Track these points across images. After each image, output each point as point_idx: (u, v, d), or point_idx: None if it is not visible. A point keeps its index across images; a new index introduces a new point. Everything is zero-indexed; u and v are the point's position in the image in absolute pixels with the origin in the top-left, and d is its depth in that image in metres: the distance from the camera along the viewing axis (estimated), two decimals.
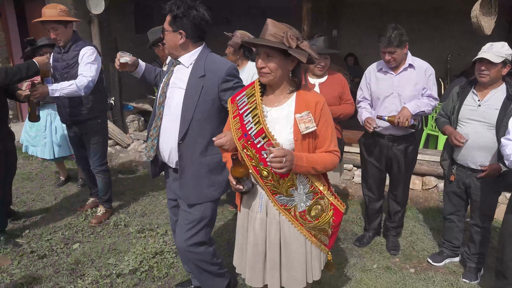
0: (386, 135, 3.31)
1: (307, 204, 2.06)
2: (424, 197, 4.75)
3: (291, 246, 2.11)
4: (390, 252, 3.56)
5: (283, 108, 1.98)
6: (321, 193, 2.07)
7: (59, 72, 3.64)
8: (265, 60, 1.89)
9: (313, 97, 1.97)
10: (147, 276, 3.16)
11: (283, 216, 2.08)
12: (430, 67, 3.23)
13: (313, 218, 2.08)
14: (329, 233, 2.16)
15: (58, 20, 3.48)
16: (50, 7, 3.56)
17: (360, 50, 8.23)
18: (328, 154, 2.01)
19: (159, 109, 2.43)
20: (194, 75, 2.33)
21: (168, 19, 2.31)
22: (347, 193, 4.83)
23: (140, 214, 4.19)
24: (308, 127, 1.92)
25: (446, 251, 3.41)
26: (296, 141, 1.95)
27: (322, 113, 1.96)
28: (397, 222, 3.61)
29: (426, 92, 3.21)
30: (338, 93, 3.40)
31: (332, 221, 2.13)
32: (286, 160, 1.80)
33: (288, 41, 1.83)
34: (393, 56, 3.12)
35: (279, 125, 1.96)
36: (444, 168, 3.22)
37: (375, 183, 3.53)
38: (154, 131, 2.46)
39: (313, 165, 1.95)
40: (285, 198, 2.05)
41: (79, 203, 4.42)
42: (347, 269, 3.30)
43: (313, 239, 2.13)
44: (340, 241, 3.74)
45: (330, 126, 2.01)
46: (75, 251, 3.49)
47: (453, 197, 3.22)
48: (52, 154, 4.53)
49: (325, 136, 2.00)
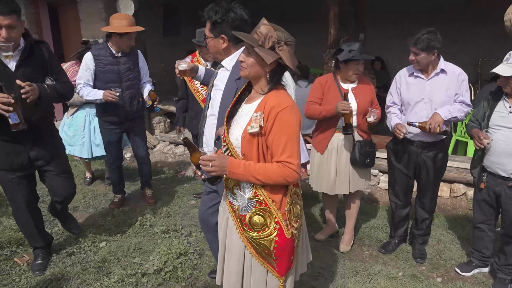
0: (416, 142, 3.24)
1: (248, 210, 1.95)
2: (452, 204, 4.64)
3: (231, 248, 2.06)
4: (416, 260, 3.48)
5: (250, 106, 1.99)
6: (266, 205, 1.92)
7: (119, 76, 3.94)
8: (245, 55, 1.91)
9: (273, 100, 1.86)
10: (171, 276, 3.19)
11: (230, 214, 2.06)
12: (463, 72, 3.15)
13: (254, 228, 1.95)
14: (271, 254, 1.95)
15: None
16: (125, 17, 3.84)
17: (387, 54, 8.12)
18: (277, 166, 1.85)
19: (205, 109, 2.56)
20: (232, 77, 2.38)
21: (208, 25, 2.35)
22: (372, 199, 4.76)
23: (165, 214, 4.24)
24: (253, 126, 1.86)
25: (475, 261, 3.31)
26: (243, 138, 1.91)
27: (277, 119, 1.83)
28: (424, 229, 3.54)
29: (458, 98, 3.14)
30: (370, 98, 3.36)
31: (275, 242, 1.93)
32: (212, 165, 1.83)
33: (264, 41, 1.83)
34: (417, 58, 3.08)
35: (242, 120, 1.98)
36: (474, 176, 3.13)
37: (402, 190, 3.47)
38: (201, 130, 2.61)
39: (252, 174, 1.85)
40: (231, 195, 2.03)
41: (106, 202, 4.51)
42: (372, 277, 3.25)
43: (253, 251, 1.98)
44: (365, 247, 3.69)
45: (286, 134, 1.84)
46: (102, 250, 3.56)
47: (483, 205, 3.13)
48: (90, 153, 4.64)
49: (277, 144, 1.84)
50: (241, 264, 2.04)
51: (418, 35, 3.05)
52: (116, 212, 4.23)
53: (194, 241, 3.67)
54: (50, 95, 2.83)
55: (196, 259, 3.41)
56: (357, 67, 3.25)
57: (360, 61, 3.26)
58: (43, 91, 2.76)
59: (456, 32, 7.57)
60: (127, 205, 4.42)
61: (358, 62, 3.24)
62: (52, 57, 2.97)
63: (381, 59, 8.06)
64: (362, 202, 4.54)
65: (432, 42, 3.03)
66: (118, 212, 4.23)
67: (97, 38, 6.00)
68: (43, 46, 2.92)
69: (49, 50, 2.95)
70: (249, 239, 1.98)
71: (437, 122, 3.02)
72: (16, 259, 3.36)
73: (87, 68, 3.87)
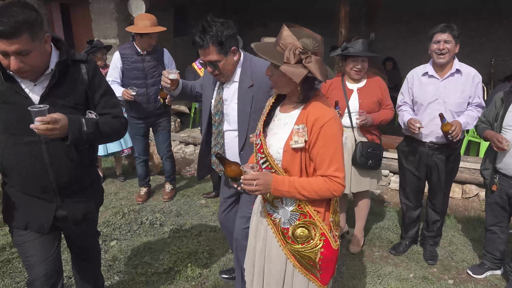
0: (427, 143, 3.20)
1: (291, 222, 1.88)
2: (464, 206, 4.59)
3: (272, 260, 1.98)
4: (428, 262, 3.45)
5: (289, 116, 1.88)
6: (310, 217, 1.86)
7: (144, 73, 4.09)
8: (271, 69, 1.80)
9: (316, 112, 1.78)
10: (181, 275, 3.20)
11: (269, 226, 1.97)
12: (478, 74, 3.10)
13: (298, 240, 1.88)
14: (316, 265, 1.90)
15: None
16: (147, 18, 3.97)
17: (399, 54, 8.06)
18: (324, 180, 1.79)
19: (219, 127, 2.48)
20: (243, 86, 2.35)
21: (213, 50, 2.22)
22: (383, 199, 4.73)
23: (175, 214, 4.26)
24: (297, 141, 1.77)
25: (488, 263, 3.27)
26: (285, 152, 1.82)
27: (322, 132, 1.75)
28: (435, 231, 3.50)
29: (474, 100, 3.09)
30: (377, 98, 3.27)
31: (321, 253, 1.87)
32: (257, 184, 1.75)
33: (288, 56, 1.68)
34: (448, 47, 2.97)
35: (280, 130, 1.88)
36: (486, 178, 3.07)
37: (413, 192, 3.44)
38: (217, 148, 2.55)
39: (298, 190, 1.78)
40: (271, 208, 1.94)
41: (117, 201, 4.55)
42: (382, 278, 3.23)
43: (296, 263, 1.92)
44: (375, 248, 3.66)
45: (331, 148, 1.77)
46: (113, 248, 3.58)
47: (495, 207, 3.09)
48: (106, 150, 4.74)
49: (323, 157, 1.78)
50: (282, 275, 1.97)
51: (440, 25, 2.96)
52: (127, 211, 4.25)
53: (204, 241, 3.68)
54: (87, 133, 1.90)
55: (206, 259, 3.41)
56: (354, 64, 3.19)
57: (359, 59, 3.18)
58: (74, 126, 1.85)
59: (471, 32, 7.49)
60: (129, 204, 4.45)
61: (356, 59, 3.18)
62: (97, 81, 2.07)
63: (393, 59, 8.00)
64: (372, 203, 4.51)
65: (458, 33, 2.97)
66: (128, 211, 4.26)
67: (109, 38, 6.06)
68: (85, 65, 2.03)
69: (93, 72, 2.05)
70: (292, 251, 1.91)
71: (460, 130, 2.95)
72: None
73: (115, 66, 4.10)
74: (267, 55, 1.72)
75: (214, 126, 2.52)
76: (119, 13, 6.09)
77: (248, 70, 2.35)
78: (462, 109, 3.12)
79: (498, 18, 7.12)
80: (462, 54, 3.52)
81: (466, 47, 7.32)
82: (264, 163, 1.90)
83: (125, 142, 4.84)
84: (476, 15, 7.39)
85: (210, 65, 2.28)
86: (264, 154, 1.88)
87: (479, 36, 7.53)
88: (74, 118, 1.88)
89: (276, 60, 1.71)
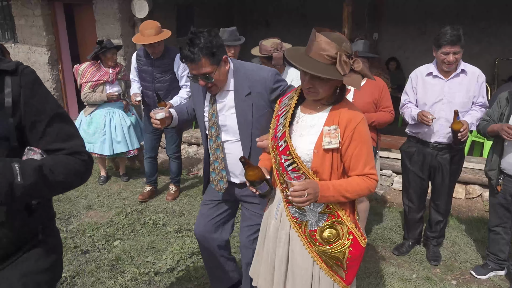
0: (432, 143, 3.19)
1: (319, 224, 1.88)
2: (468, 206, 4.58)
3: (297, 264, 1.94)
4: (431, 262, 3.44)
5: (315, 117, 1.88)
6: (338, 217, 1.87)
7: (151, 76, 4.17)
8: (312, 81, 1.76)
9: (347, 113, 1.81)
10: (184, 275, 3.21)
11: (294, 230, 1.94)
12: (482, 73, 3.09)
13: (325, 242, 1.88)
14: (343, 265, 1.91)
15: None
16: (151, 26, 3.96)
17: (402, 54, 8.04)
18: (362, 179, 1.82)
19: (217, 140, 2.36)
20: (240, 94, 2.26)
21: (206, 63, 2.12)
22: (386, 200, 4.72)
23: (178, 214, 4.27)
24: (330, 142, 1.78)
25: (491, 264, 3.26)
26: (316, 153, 1.81)
27: (356, 132, 1.78)
28: (438, 232, 3.49)
29: (478, 100, 3.08)
30: (373, 99, 3.21)
31: (349, 252, 1.88)
32: (308, 194, 1.70)
33: (342, 67, 1.68)
34: (456, 57, 2.95)
35: (306, 132, 1.87)
36: (492, 179, 3.04)
37: (416, 193, 3.43)
38: (216, 163, 2.40)
39: (342, 194, 1.79)
40: (297, 211, 1.91)
41: (120, 201, 4.56)
42: (385, 278, 3.22)
43: (323, 266, 1.91)
44: (378, 249, 3.66)
45: (365, 146, 1.81)
46: (116, 248, 3.60)
47: (499, 208, 3.08)
48: (112, 150, 4.75)
49: (359, 157, 1.81)
50: (309, 279, 1.94)
51: (453, 33, 2.87)
52: (130, 211, 4.27)
53: None
54: (24, 186, 1.25)
55: None
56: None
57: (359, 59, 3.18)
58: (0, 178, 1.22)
59: (480, 32, 7.45)
60: (135, 204, 4.46)
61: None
62: (37, 102, 1.39)
63: (397, 60, 7.98)
64: (375, 203, 4.50)
65: (463, 36, 2.92)
66: (131, 211, 4.27)
67: (112, 39, 6.07)
68: (12, 79, 1.34)
69: (30, 88, 1.38)
70: (319, 253, 1.91)
71: (468, 131, 2.93)
72: None
73: (133, 65, 4.31)
74: (323, 73, 1.68)
75: (211, 141, 2.38)
76: (122, 13, 6.11)
77: (242, 78, 2.26)
78: (467, 108, 3.11)
79: (508, 17, 7.07)
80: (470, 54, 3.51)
81: (474, 47, 7.32)
82: (290, 165, 1.87)
83: (132, 143, 4.84)
84: (485, 14, 7.34)
85: (203, 79, 2.16)
86: (291, 156, 1.85)
87: (488, 36, 7.49)
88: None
89: (334, 75, 1.70)
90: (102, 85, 4.63)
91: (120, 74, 4.74)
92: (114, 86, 4.70)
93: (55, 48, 6.92)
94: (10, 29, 7.20)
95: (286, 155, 1.87)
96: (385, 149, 4.99)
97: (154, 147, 4.58)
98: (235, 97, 2.27)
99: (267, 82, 2.26)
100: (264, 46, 3.40)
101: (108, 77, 4.61)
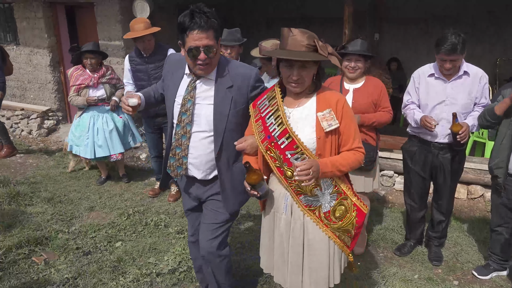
0: (433, 143, 3.19)
1: (331, 204, 2.08)
2: (470, 206, 4.57)
3: (315, 248, 2.11)
4: (433, 263, 3.44)
5: (304, 108, 2.04)
6: (344, 194, 2.10)
7: (147, 74, 4.21)
8: (300, 71, 1.94)
9: (333, 95, 2.03)
10: (186, 276, 3.21)
11: (308, 217, 2.10)
12: (485, 74, 3.08)
13: (338, 219, 2.10)
14: (352, 234, 2.16)
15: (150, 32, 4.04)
16: (141, 21, 4.06)
17: (404, 55, 8.03)
18: (352, 152, 2.04)
19: (186, 127, 2.29)
20: (221, 86, 2.23)
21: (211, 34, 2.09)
22: (388, 200, 4.72)
23: (179, 215, 4.27)
24: (330, 124, 1.97)
25: (493, 264, 3.26)
26: (319, 139, 1.98)
27: (344, 111, 2.00)
28: (440, 232, 3.49)
29: (480, 101, 3.08)
30: (372, 99, 3.20)
31: (356, 221, 2.13)
32: (312, 171, 1.85)
33: (322, 50, 1.90)
34: (455, 64, 2.96)
35: (301, 124, 2.02)
36: (499, 177, 2.99)
37: (418, 193, 3.43)
38: (179, 150, 2.34)
39: (338, 168, 1.99)
40: (309, 198, 2.07)
41: (122, 202, 4.57)
42: (387, 279, 3.22)
43: (337, 241, 2.13)
44: (379, 249, 3.66)
45: (353, 123, 2.04)
46: (118, 249, 3.60)
47: (501, 208, 3.07)
48: (93, 154, 4.73)
49: (349, 133, 2.02)
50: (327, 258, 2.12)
51: (451, 41, 2.85)
52: (132, 212, 4.27)
53: None
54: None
55: None
56: (348, 62, 3.19)
57: (353, 57, 3.17)
58: None
59: (481, 32, 7.44)
60: (140, 206, 4.47)
61: (350, 58, 3.18)
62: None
63: (398, 60, 7.98)
64: (377, 203, 4.50)
65: (465, 42, 2.90)
66: (133, 212, 4.27)
67: (113, 40, 6.09)
68: None
69: None
70: (334, 230, 2.10)
71: (468, 133, 2.93)
72: (34, 258, 3.42)
73: (126, 68, 4.32)
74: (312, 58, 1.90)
75: (178, 127, 2.30)
76: (123, 15, 6.12)
77: (226, 69, 2.24)
78: (469, 110, 3.11)
79: (509, 17, 7.06)
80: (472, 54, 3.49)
81: (476, 48, 7.31)
82: (298, 158, 1.99)
83: (114, 147, 4.78)
84: (486, 14, 7.33)
85: (205, 51, 2.10)
86: (300, 148, 1.99)
87: (490, 36, 7.47)
88: None
89: (321, 58, 1.92)
90: (85, 89, 4.62)
91: (104, 77, 4.67)
92: (97, 90, 4.66)
93: (56, 50, 6.95)
94: (12, 31, 7.23)
95: (293, 149, 2.00)
96: (386, 149, 4.98)
97: (157, 145, 4.59)
98: (216, 88, 2.24)
99: (250, 79, 2.27)
100: (263, 47, 3.41)
101: (89, 81, 4.59)
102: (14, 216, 4.12)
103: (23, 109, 7.15)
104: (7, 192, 4.52)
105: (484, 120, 2.97)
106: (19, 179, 5.09)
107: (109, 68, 4.79)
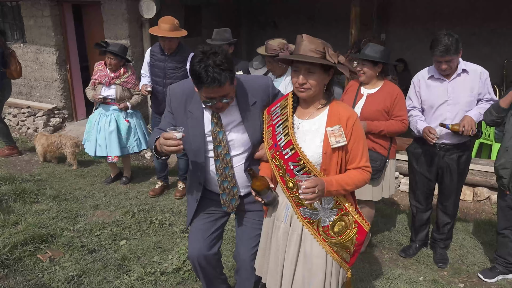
0: (439, 144, 3.17)
1: (330, 219, 2.04)
2: (475, 208, 4.54)
3: (311, 261, 2.06)
4: (438, 265, 3.42)
5: (315, 121, 2.01)
6: (345, 210, 2.05)
7: (163, 72, 4.26)
8: (306, 76, 1.92)
9: (345, 112, 1.98)
10: (190, 275, 3.21)
11: (306, 229, 2.06)
12: (484, 70, 3.08)
13: (336, 234, 2.05)
14: (351, 251, 2.11)
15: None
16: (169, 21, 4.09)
17: (410, 55, 7.98)
18: (359, 172, 1.99)
19: (225, 159, 2.23)
20: (245, 106, 2.18)
21: (228, 85, 1.99)
22: (393, 202, 4.70)
23: (184, 214, 4.27)
24: (338, 141, 1.93)
25: (499, 267, 3.23)
26: (325, 154, 1.95)
27: (354, 129, 1.96)
28: (445, 234, 3.47)
29: (485, 96, 3.07)
30: (384, 107, 3.12)
31: (356, 239, 2.08)
32: (318, 190, 1.81)
33: (331, 57, 1.88)
34: (450, 65, 2.99)
35: (309, 137, 1.99)
36: (504, 177, 2.97)
37: (423, 194, 3.41)
38: (226, 183, 2.27)
39: (343, 187, 1.95)
40: (309, 211, 2.04)
41: (127, 200, 4.58)
42: (392, 281, 3.20)
43: (335, 256, 2.07)
44: (384, 251, 3.64)
45: (362, 141, 1.99)
46: (122, 247, 3.61)
47: (507, 211, 3.05)
48: (94, 151, 4.77)
49: (356, 151, 1.98)
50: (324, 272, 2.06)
51: (444, 43, 2.89)
52: (136, 210, 4.28)
53: None
54: None
55: None
56: (357, 66, 3.20)
57: (360, 61, 3.18)
58: None
59: (489, 33, 7.38)
60: (144, 204, 4.47)
61: (358, 62, 3.19)
62: None
63: (404, 61, 7.93)
64: (382, 205, 4.48)
65: (459, 43, 2.93)
66: (138, 210, 4.28)
67: (120, 39, 6.11)
68: None
69: None
70: (331, 245, 2.05)
71: (471, 125, 2.94)
72: (39, 256, 3.43)
73: (146, 61, 4.42)
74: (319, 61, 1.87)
75: (217, 162, 2.23)
76: (130, 14, 6.14)
77: (243, 88, 2.19)
78: (473, 107, 3.10)
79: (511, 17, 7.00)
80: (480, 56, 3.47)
81: (483, 49, 7.25)
82: (300, 170, 1.97)
83: (111, 149, 4.72)
84: (495, 15, 7.27)
85: (221, 101, 2.03)
86: (303, 161, 1.96)
87: (498, 37, 7.42)
88: None
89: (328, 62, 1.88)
90: (99, 85, 4.65)
91: (119, 79, 4.61)
92: (108, 89, 4.63)
93: (63, 48, 6.97)
94: (19, 30, 7.27)
95: (296, 162, 1.98)
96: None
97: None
98: (241, 109, 2.19)
99: (270, 88, 2.26)
100: (270, 45, 3.41)
101: (103, 79, 4.59)
102: (19, 213, 4.14)
103: (29, 107, 7.19)
104: (13, 190, 4.54)
105: (489, 115, 2.97)
106: (25, 177, 5.12)
107: (128, 72, 4.67)
